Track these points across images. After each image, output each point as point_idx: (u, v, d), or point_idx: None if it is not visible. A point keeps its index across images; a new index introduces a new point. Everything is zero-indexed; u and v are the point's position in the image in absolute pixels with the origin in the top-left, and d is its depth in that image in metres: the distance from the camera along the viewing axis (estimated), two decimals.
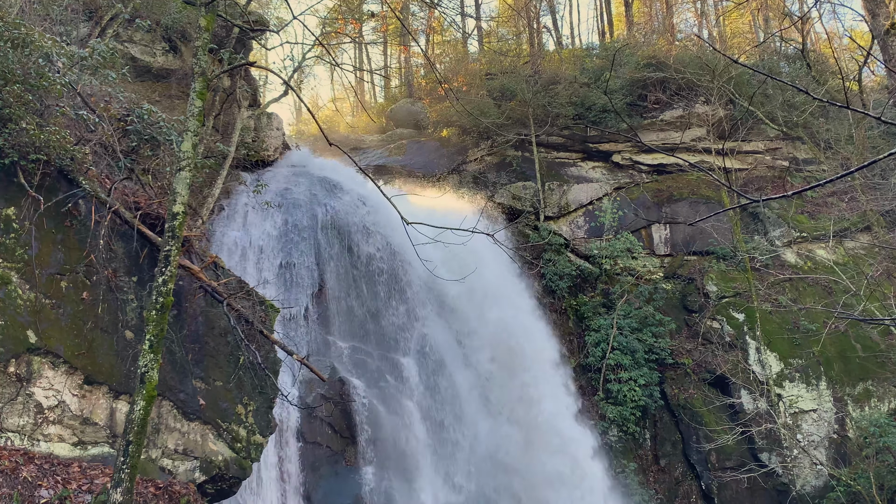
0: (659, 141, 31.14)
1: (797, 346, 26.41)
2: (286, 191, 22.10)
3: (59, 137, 11.61)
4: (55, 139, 11.56)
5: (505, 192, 29.68)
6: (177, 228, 10.08)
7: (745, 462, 24.70)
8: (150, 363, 9.52)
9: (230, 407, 13.79)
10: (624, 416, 24.94)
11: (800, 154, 32.78)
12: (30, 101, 11.53)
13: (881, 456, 23.08)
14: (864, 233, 29.68)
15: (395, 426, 18.81)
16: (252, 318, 14.00)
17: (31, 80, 11.54)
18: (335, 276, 20.40)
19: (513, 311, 23.91)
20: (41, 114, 11.90)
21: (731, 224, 29.25)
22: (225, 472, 13.50)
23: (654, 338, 26.55)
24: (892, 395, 26.23)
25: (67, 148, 11.83)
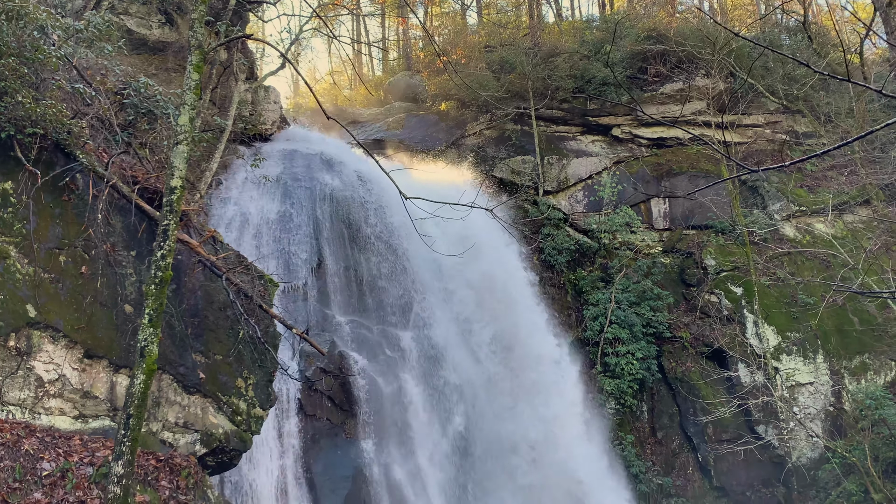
0: (659, 114, 30.98)
1: (795, 319, 26.52)
2: (284, 165, 22.02)
3: (55, 111, 11.53)
4: (51, 113, 11.48)
5: (504, 167, 29.59)
6: (175, 203, 10.05)
7: (741, 434, 24.90)
8: (149, 337, 9.55)
9: (230, 380, 13.85)
10: (621, 389, 25.10)
11: (800, 127, 32.64)
12: (25, 74, 11.44)
13: (876, 428, 23.28)
14: (863, 206, 29.66)
15: (394, 399, 18.91)
16: (251, 293, 14.02)
17: (26, 53, 11.43)
18: (334, 250, 20.39)
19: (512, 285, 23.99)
20: (37, 87, 11.80)
21: (730, 198, 29.21)
22: (225, 444, 13.60)
23: (652, 312, 26.64)
24: (889, 368, 26.39)
25: (64, 122, 11.75)
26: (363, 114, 36.21)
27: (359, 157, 23.80)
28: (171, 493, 11.78)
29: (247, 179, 20.44)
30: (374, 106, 38.39)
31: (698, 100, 31.01)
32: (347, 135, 13.07)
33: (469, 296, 22.69)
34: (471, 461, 19.63)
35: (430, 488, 18.31)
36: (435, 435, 19.36)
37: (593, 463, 22.46)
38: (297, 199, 20.91)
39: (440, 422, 19.63)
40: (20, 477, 9.70)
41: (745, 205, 29.64)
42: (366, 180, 22.24)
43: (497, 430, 20.66)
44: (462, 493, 19.25)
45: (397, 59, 48.02)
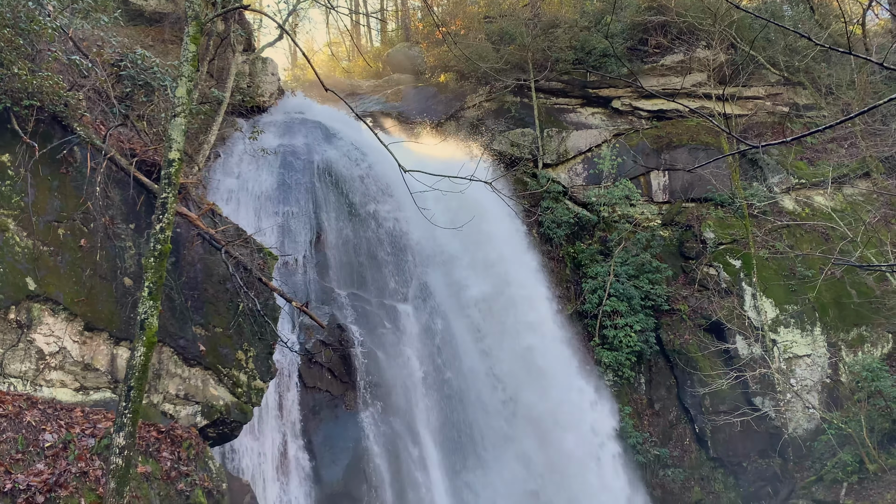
0: (659, 86, 30.79)
1: (793, 292, 26.60)
2: (282, 137, 21.92)
3: (51, 83, 11.46)
4: (48, 85, 11.41)
5: (503, 139, 29.45)
6: (173, 175, 10.03)
7: (738, 406, 25.11)
8: (149, 310, 9.58)
9: (230, 353, 13.93)
10: (619, 361, 25.25)
11: (800, 100, 32.47)
12: (21, 45, 11.35)
13: (873, 400, 23.47)
14: (862, 179, 29.59)
15: (394, 371, 19.03)
16: (250, 266, 14.04)
17: (21, 24, 11.33)
18: (333, 223, 20.37)
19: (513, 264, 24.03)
20: (33, 59, 11.72)
21: (729, 171, 29.14)
22: (226, 416, 13.71)
23: (650, 284, 26.71)
24: (886, 340, 26.54)
25: (61, 94, 11.69)
26: (361, 85, 35.96)
27: (357, 129, 23.66)
28: (172, 464, 11.91)
29: (245, 152, 20.36)
30: (372, 77, 38.10)
31: (699, 71, 30.80)
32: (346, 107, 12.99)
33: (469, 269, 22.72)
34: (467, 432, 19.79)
35: (429, 458, 18.49)
36: (434, 406, 19.49)
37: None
38: (296, 172, 20.84)
39: (439, 393, 19.76)
40: (23, 448, 9.79)
41: (745, 177, 29.59)
42: (365, 153, 22.16)
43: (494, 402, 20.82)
44: (462, 463, 19.45)
45: (396, 30, 47.56)
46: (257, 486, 15.41)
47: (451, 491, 18.54)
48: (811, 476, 24.25)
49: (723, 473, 25.64)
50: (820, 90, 31.53)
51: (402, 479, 17.50)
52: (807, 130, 30.86)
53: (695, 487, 25.22)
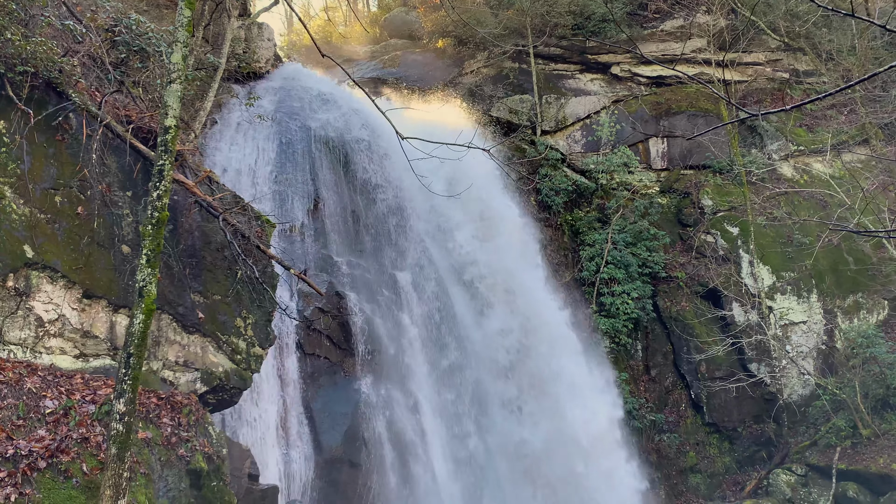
0: (658, 52, 30.53)
1: (790, 259, 26.67)
2: (279, 104, 21.73)
3: (45, 48, 11.33)
4: (42, 50, 11.28)
5: (501, 106, 29.25)
6: (169, 142, 9.96)
7: (734, 372, 25.32)
8: (147, 277, 9.58)
9: (229, 320, 13.98)
10: (616, 328, 25.38)
11: (800, 66, 32.22)
12: (13, 10, 11.20)
13: (867, 366, 23.67)
14: (861, 146, 29.50)
15: (392, 338, 19.12)
16: (248, 233, 14.03)
17: None
18: (330, 191, 20.30)
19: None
20: (26, 24, 11.57)
21: (728, 138, 29.02)
22: (226, 382, 13.81)
23: (648, 252, 26.75)
24: (881, 307, 26.68)
25: (55, 59, 11.56)
26: (358, 51, 35.62)
27: (355, 95, 23.47)
28: (172, 430, 12.01)
29: (241, 119, 20.20)
30: (369, 43, 37.71)
31: (699, 37, 30.52)
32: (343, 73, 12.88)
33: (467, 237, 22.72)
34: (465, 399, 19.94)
35: (427, 424, 18.66)
36: (432, 372, 19.63)
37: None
38: (293, 139, 20.71)
39: (436, 359, 19.88)
40: (24, 414, 9.87)
41: (744, 144, 29.47)
42: (362, 119, 22.00)
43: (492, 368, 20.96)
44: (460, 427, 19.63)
45: None
46: (257, 451, 15.55)
47: (450, 454, 18.74)
48: (805, 441, 24.54)
49: (718, 438, 25.94)
50: (820, 56, 31.28)
51: (400, 443, 17.68)
52: (807, 97, 30.70)
53: (690, 452, 25.53)
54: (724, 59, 29.38)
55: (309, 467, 16.61)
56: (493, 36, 29.93)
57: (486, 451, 19.54)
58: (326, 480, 16.69)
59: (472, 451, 19.22)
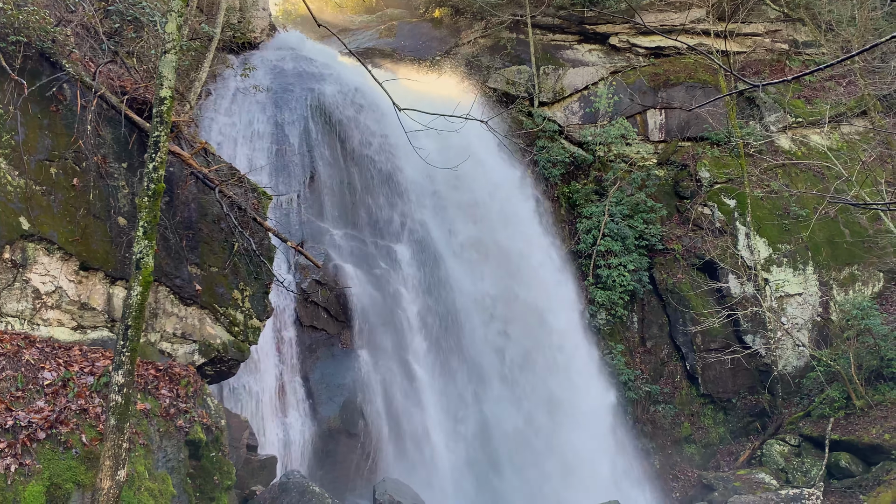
0: (657, 22, 30.27)
1: (787, 231, 26.70)
2: (275, 74, 21.57)
3: (38, 18, 11.19)
4: (34, 20, 11.14)
5: (499, 77, 29.04)
6: (165, 113, 9.88)
7: (729, 344, 25.46)
8: (144, 249, 9.56)
9: (227, 292, 13.99)
10: (612, 300, 25.45)
11: (800, 37, 31.97)
12: None
13: (862, 338, 23.82)
14: (860, 118, 29.41)
15: (390, 310, 19.18)
16: (245, 205, 13.99)
17: None
18: (327, 163, 20.22)
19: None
20: None
21: (726, 109, 28.89)
22: (223, 354, 13.85)
23: (644, 224, 26.74)
24: (877, 279, 26.77)
25: (48, 29, 11.42)
26: (354, 21, 35.25)
27: (351, 66, 23.27)
28: (171, 402, 12.06)
29: (237, 89, 20.05)
30: (365, 13, 37.31)
31: (698, 7, 30.24)
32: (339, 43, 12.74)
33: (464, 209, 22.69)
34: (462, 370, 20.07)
35: (424, 395, 18.79)
36: (429, 343, 19.72)
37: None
38: (289, 110, 20.59)
39: (433, 331, 19.96)
40: (22, 386, 9.90)
41: (742, 116, 29.32)
42: (359, 90, 21.85)
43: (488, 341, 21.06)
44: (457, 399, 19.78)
45: None
46: (255, 422, 15.67)
47: (447, 426, 18.90)
48: (799, 411, 24.77)
49: (712, 409, 26.16)
50: (820, 27, 31.04)
51: (397, 414, 17.82)
52: (806, 68, 30.51)
53: (684, 423, 25.76)
54: (725, 30, 29.14)
55: (307, 438, 16.76)
56: (490, 5, 29.63)
57: (484, 421, 19.70)
58: (324, 451, 16.85)
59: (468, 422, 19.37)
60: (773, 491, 22.11)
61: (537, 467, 19.67)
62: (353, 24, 34.52)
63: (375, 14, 36.17)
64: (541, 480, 19.24)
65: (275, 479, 14.81)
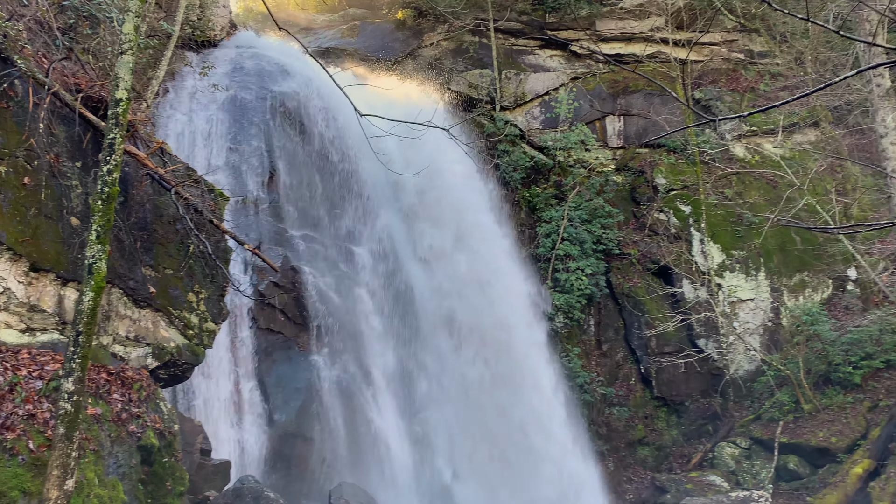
0: (617, 30, 30.64)
1: (740, 238, 27.23)
2: (234, 73, 21.31)
3: None
4: None
5: (461, 80, 29.11)
6: (120, 115, 9.71)
7: (682, 348, 25.90)
8: (97, 254, 9.38)
9: (181, 294, 13.79)
10: (570, 303, 25.69)
11: (755, 47, 32.62)
12: None
13: (811, 343, 24.44)
14: (812, 128, 30.12)
15: (348, 313, 19.08)
16: (201, 207, 13.80)
17: None
18: (287, 163, 20.04)
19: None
20: None
21: (683, 117, 29.36)
22: (177, 358, 13.66)
23: (602, 229, 27.06)
24: (826, 285, 27.43)
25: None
26: (316, 20, 34.98)
27: (312, 66, 23.07)
28: (123, 406, 11.86)
29: (195, 88, 19.76)
30: (327, 12, 37.04)
31: (657, 15, 30.68)
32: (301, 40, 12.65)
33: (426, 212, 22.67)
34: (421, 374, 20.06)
35: (382, 399, 18.74)
36: (388, 347, 19.66)
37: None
38: (248, 109, 20.36)
39: (393, 335, 19.92)
40: None
41: (697, 113, 29.79)
42: (320, 91, 21.69)
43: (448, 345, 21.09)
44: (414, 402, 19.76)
45: None
46: (209, 426, 15.46)
47: (406, 430, 18.87)
48: (750, 415, 25.28)
49: (665, 412, 26.57)
50: (774, 38, 31.72)
51: (355, 419, 17.74)
52: (760, 78, 31.17)
53: (638, 425, 26.12)
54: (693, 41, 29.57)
55: (262, 442, 16.59)
56: (453, 9, 29.68)
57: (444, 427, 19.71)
58: (279, 455, 16.70)
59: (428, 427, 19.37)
60: (723, 493, 22.56)
61: (495, 471, 19.76)
62: (316, 22, 34.28)
63: (338, 13, 35.96)
64: (497, 486, 19.33)
65: (229, 485, 14.64)
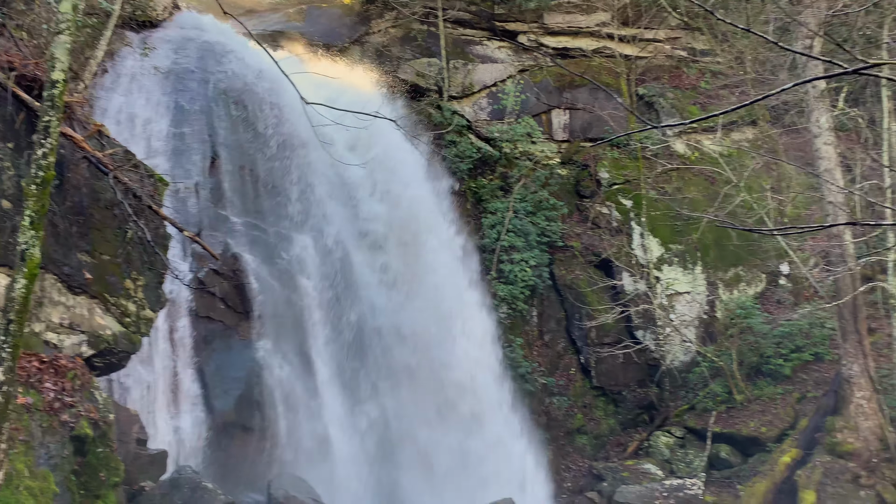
0: (565, 23, 30.86)
1: (678, 232, 27.82)
2: (176, 55, 20.77)
3: None
4: None
5: (409, 68, 28.96)
6: (57, 98, 9.40)
7: (621, 339, 26.44)
8: (30, 240, 9.09)
9: (118, 281, 13.51)
10: (514, 294, 25.94)
11: (698, 45, 33.23)
12: None
13: (744, 335, 25.28)
14: (750, 126, 30.90)
15: (291, 302, 18.92)
16: (140, 192, 13.50)
17: None
18: (229, 148, 19.67)
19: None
20: None
21: (626, 113, 29.80)
22: (114, 346, 13.39)
23: (547, 221, 27.36)
24: (759, 280, 28.25)
25: None
26: (262, 2, 34.28)
27: (257, 50, 22.68)
28: (55, 395, 11.58)
29: (135, 69, 19.21)
30: None
31: (604, 11, 30.99)
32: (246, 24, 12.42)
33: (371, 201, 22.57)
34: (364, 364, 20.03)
35: (323, 388, 18.66)
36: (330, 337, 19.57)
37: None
38: (190, 93, 19.90)
39: (335, 324, 19.82)
40: None
41: (641, 120, 30.33)
42: (264, 77, 21.30)
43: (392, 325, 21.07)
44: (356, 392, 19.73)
45: None
46: (146, 416, 15.19)
47: (346, 420, 18.83)
48: (684, 405, 25.97)
49: (604, 401, 27.10)
50: (716, 37, 32.35)
51: (296, 408, 17.64)
52: (701, 75, 31.82)
53: (577, 414, 26.59)
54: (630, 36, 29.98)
55: (200, 432, 16.38)
56: None
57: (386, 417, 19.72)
58: (218, 445, 16.52)
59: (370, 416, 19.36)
60: (658, 481, 23.17)
61: (436, 462, 19.88)
62: (262, 5, 33.61)
63: None
64: (440, 475, 19.46)
65: (165, 475, 14.43)
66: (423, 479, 19.31)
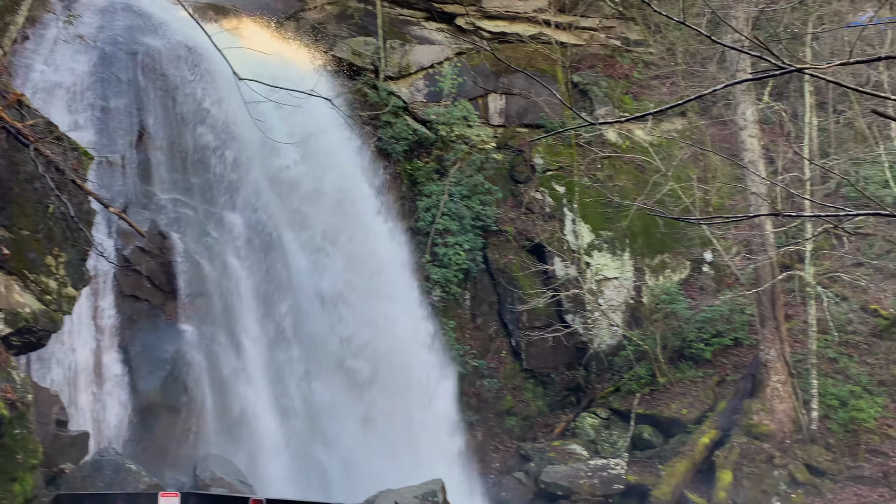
0: (502, 8, 30.92)
1: (608, 219, 28.37)
2: (103, 23, 19.98)
3: None
4: None
5: (345, 47, 28.57)
6: None
7: (551, 323, 26.90)
8: None
9: (39, 258, 13.05)
10: (447, 277, 26.09)
11: (631, 35, 33.76)
12: None
13: (668, 320, 26.10)
14: (679, 117, 31.65)
15: (218, 281, 18.58)
16: (63, 166, 13.02)
17: None
18: (157, 123, 19.09)
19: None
20: None
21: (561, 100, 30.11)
22: (33, 324, 12.95)
23: (481, 205, 27.53)
24: (684, 267, 29.09)
25: None
26: None
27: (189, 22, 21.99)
28: None
29: (59, 38, 18.39)
30: None
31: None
32: None
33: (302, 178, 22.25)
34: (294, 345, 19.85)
35: (252, 370, 18.43)
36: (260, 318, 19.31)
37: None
38: (117, 64, 19.20)
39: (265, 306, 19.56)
40: None
41: (576, 107, 30.72)
42: (196, 50, 20.72)
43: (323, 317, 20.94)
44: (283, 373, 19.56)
45: None
46: (67, 396, 14.75)
47: (274, 401, 18.65)
48: (610, 387, 26.68)
49: (533, 383, 27.58)
50: (650, 27, 32.94)
51: (223, 389, 17.38)
52: (634, 66, 32.39)
53: (507, 396, 27.01)
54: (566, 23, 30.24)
55: (124, 413, 16.00)
56: None
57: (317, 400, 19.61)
58: (143, 426, 16.17)
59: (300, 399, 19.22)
60: (583, 461, 23.81)
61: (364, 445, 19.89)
62: None
63: None
64: (368, 458, 19.48)
65: (87, 457, 14.06)
66: (349, 461, 19.31)
